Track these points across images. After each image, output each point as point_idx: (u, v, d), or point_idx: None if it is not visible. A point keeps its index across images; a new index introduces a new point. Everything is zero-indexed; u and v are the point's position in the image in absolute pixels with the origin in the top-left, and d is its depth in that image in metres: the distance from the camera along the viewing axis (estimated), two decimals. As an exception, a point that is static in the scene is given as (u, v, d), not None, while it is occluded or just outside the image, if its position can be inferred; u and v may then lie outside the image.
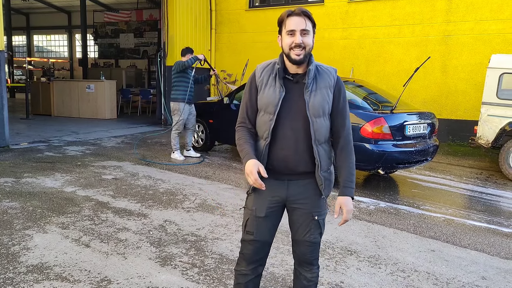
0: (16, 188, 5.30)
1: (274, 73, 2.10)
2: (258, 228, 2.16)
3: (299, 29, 2.00)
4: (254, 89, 2.15)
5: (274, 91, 2.07)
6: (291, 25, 2.02)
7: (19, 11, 24.29)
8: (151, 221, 4.32)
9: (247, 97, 2.17)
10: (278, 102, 2.04)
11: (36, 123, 11.43)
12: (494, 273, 3.46)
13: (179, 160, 7.24)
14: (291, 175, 2.12)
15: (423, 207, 5.17)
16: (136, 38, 19.29)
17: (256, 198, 2.16)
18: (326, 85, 2.09)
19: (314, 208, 2.15)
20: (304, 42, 2.00)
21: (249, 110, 2.17)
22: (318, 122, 2.06)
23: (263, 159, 2.08)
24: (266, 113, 2.09)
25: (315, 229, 2.16)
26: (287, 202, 2.17)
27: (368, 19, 10.72)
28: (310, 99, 2.05)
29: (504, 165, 6.76)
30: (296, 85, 2.09)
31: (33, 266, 3.25)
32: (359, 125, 5.49)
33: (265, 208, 2.14)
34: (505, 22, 9.22)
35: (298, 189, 2.14)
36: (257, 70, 2.16)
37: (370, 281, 3.21)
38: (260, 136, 2.14)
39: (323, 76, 2.10)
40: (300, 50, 2.00)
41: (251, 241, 2.18)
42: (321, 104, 2.06)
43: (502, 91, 6.90)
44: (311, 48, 2.05)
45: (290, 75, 2.09)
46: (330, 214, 4.74)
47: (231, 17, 12.63)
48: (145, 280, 3.11)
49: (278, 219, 2.22)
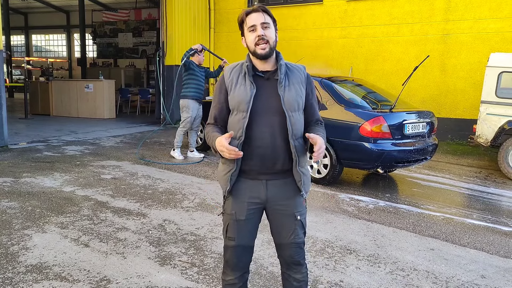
0: (15, 188, 5.29)
1: (243, 72, 2.10)
2: (239, 233, 2.13)
3: (259, 22, 2.03)
4: (224, 91, 2.13)
5: (245, 89, 2.06)
6: (251, 21, 2.05)
7: (18, 11, 24.27)
8: (150, 220, 4.32)
9: (217, 99, 2.16)
10: (250, 99, 2.03)
11: (35, 123, 11.42)
12: (493, 271, 3.46)
13: (178, 159, 7.23)
14: (268, 174, 2.09)
15: (422, 206, 5.18)
16: (135, 38, 19.28)
17: (234, 201, 2.13)
18: (298, 81, 2.12)
19: (295, 208, 2.13)
20: (266, 35, 2.02)
21: (218, 112, 2.15)
22: (294, 117, 2.06)
23: (238, 159, 2.04)
24: (238, 111, 2.06)
25: (299, 229, 2.14)
26: (268, 204, 2.13)
27: (367, 18, 10.72)
28: (285, 94, 2.05)
29: (503, 163, 6.77)
30: (267, 81, 2.09)
31: (32, 266, 3.25)
32: (358, 124, 5.49)
33: (245, 211, 2.11)
34: (504, 20, 9.22)
35: (278, 189, 2.11)
36: (226, 71, 2.16)
37: (370, 280, 3.21)
38: (233, 136, 2.08)
39: (294, 73, 2.13)
40: (264, 44, 2.02)
41: (233, 247, 2.14)
42: (295, 99, 2.07)
43: (501, 89, 6.90)
44: (275, 41, 2.07)
45: (261, 72, 2.10)
46: (331, 213, 4.74)
47: (230, 16, 12.62)
48: (145, 279, 3.10)
49: (258, 222, 2.18)
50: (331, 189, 5.75)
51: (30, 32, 25.97)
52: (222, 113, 2.15)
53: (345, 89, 6.31)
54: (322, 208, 4.94)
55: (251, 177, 2.10)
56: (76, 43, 23.77)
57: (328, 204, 5.08)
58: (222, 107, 2.15)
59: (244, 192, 2.11)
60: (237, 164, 2.06)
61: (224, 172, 2.12)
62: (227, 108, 2.13)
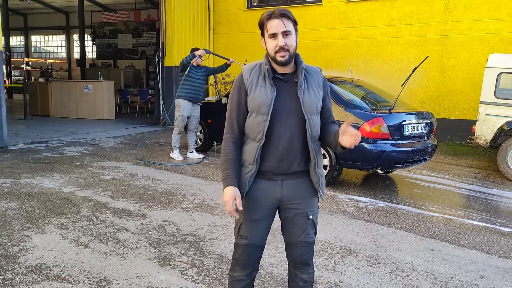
0: (15, 189, 5.29)
1: (262, 73, 2.10)
2: (252, 232, 2.14)
3: (281, 31, 2.02)
4: (243, 91, 2.12)
5: (266, 91, 2.06)
6: (272, 28, 2.03)
7: (17, 12, 24.27)
8: (150, 221, 4.32)
9: (236, 99, 2.13)
10: (271, 102, 2.04)
11: (34, 124, 11.41)
12: (492, 272, 3.47)
13: (177, 160, 7.24)
14: (284, 175, 2.11)
15: (421, 207, 5.18)
16: (134, 39, 19.30)
17: (249, 201, 2.14)
18: (316, 84, 2.14)
19: (309, 207, 2.15)
20: (287, 44, 2.02)
21: (238, 114, 2.13)
22: (314, 120, 2.08)
23: (256, 161, 2.07)
24: (259, 114, 2.06)
25: (311, 228, 2.16)
26: (282, 203, 2.15)
27: (366, 19, 10.73)
28: (304, 97, 2.06)
29: (502, 164, 6.78)
30: (286, 84, 2.10)
31: (32, 267, 3.25)
32: (357, 124, 5.49)
33: (259, 211, 2.13)
34: (503, 21, 9.24)
35: (293, 189, 2.13)
36: (244, 71, 2.14)
37: (369, 281, 3.22)
38: (251, 137, 2.10)
39: (312, 75, 2.14)
40: (284, 52, 2.02)
41: (245, 245, 2.16)
42: (314, 102, 2.09)
43: (500, 90, 6.91)
44: (295, 48, 2.07)
45: (280, 75, 2.10)
46: (330, 214, 4.75)
47: (229, 17, 12.63)
48: (145, 280, 3.11)
49: (271, 222, 2.20)
50: (331, 190, 5.76)
51: (29, 33, 25.97)
52: (242, 115, 2.14)
53: (345, 90, 6.32)
54: (322, 208, 4.94)
55: (267, 177, 2.12)
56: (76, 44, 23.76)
57: (327, 205, 5.09)
58: (242, 108, 2.13)
59: (260, 193, 2.12)
60: (256, 166, 2.08)
61: (243, 173, 2.12)
62: (247, 109, 2.13)
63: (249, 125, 2.11)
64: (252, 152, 2.08)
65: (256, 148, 2.06)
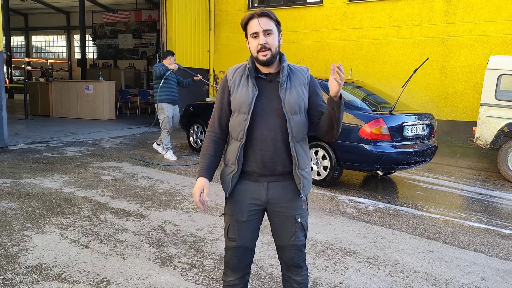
0: (15, 189, 5.29)
1: (245, 73, 2.11)
2: (240, 234, 2.14)
3: (262, 30, 2.02)
4: (226, 91, 2.15)
5: (247, 90, 2.07)
6: (253, 27, 2.04)
7: (18, 12, 24.28)
8: (150, 222, 4.32)
9: (219, 99, 2.18)
10: (252, 101, 2.04)
11: (34, 124, 11.41)
12: (492, 274, 3.47)
13: (171, 160, 7.31)
14: (269, 176, 2.10)
15: (422, 208, 5.18)
16: (135, 39, 19.31)
17: (235, 202, 2.15)
18: (301, 83, 2.11)
19: (296, 210, 2.13)
20: (268, 43, 2.02)
21: (221, 113, 2.17)
22: (295, 119, 2.06)
23: (238, 160, 2.07)
24: (240, 113, 2.07)
25: (300, 232, 2.14)
26: (269, 206, 2.14)
27: (367, 20, 10.74)
28: (286, 96, 2.05)
29: (503, 166, 6.78)
30: (269, 84, 2.10)
31: (32, 267, 3.25)
32: (357, 126, 5.50)
33: (245, 212, 2.13)
34: (504, 23, 9.25)
35: (279, 191, 2.11)
36: (229, 72, 2.17)
37: (369, 282, 3.22)
38: (234, 137, 2.11)
39: (297, 75, 2.12)
40: (266, 51, 2.02)
41: (234, 248, 2.16)
42: (296, 101, 2.06)
43: (500, 92, 6.92)
44: (277, 47, 2.07)
45: (263, 75, 2.10)
46: (330, 215, 4.75)
47: (230, 18, 12.64)
48: (145, 280, 3.11)
49: (258, 223, 2.20)
50: (331, 191, 5.76)
51: (30, 33, 25.99)
52: (224, 113, 2.17)
53: (345, 91, 6.31)
54: (322, 210, 4.94)
55: (252, 179, 2.12)
56: (76, 44, 23.78)
57: (327, 206, 5.09)
58: (224, 107, 2.16)
59: (245, 194, 2.12)
60: (238, 165, 2.08)
61: (226, 174, 2.14)
62: (229, 109, 2.15)
63: (232, 125, 2.13)
64: (234, 151, 2.09)
65: (238, 148, 2.07)
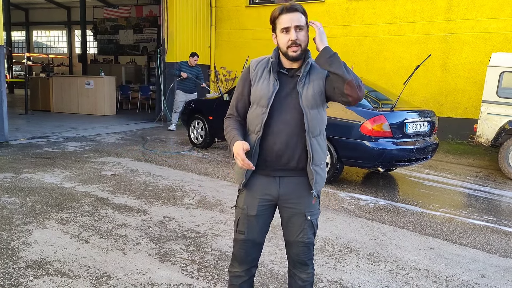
0: (16, 184, 5.29)
1: (268, 67, 2.10)
2: (249, 227, 2.14)
3: (293, 25, 2.00)
4: (247, 83, 2.14)
5: (268, 84, 2.06)
6: (284, 22, 2.01)
7: (18, 6, 24.20)
8: (150, 217, 4.32)
9: (240, 90, 2.17)
10: (272, 95, 2.03)
11: (35, 119, 11.41)
12: (493, 271, 3.46)
13: (172, 128, 10.07)
14: (283, 170, 2.09)
15: (422, 205, 5.18)
16: (136, 34, 19.23)
17: (247, 196, 2.14)
18: (319, 76, 2.09)
19: (307, 208, 2.12)
20: (299, 39, 2.00)
21: (240, 104, 2.17)
22: (312, 114, 2.04)
23: (254, 153, 2.06)
24: (258, 106, 2.06)
25: (309, 229, 2.13)
26: (280, 201, 2.13)
27: (369, 17, 10.70)
28: (303, 91, 2.04)
29: (504, 163, 6.77)
30: (290, 79, 2.08)
31: (32, 262, 3.25)
32: (359, 122, 5.48)
33: (256, 207, 2.12)
34: (506, 20, 9.21)
35: (291, 188, 2.10)
36: (252, 64, 2.15)
37: (370, 279, 3.21)
38: (251, 130, 2.11)
39: (316, 69, 2.10)
40: (296, 47, 2.00)
41: (243, 241, 2.16)
42: (313, 95, 2.05)
43: (502, 89, 6.90)
44: (307, 43, 2.05)
45: (285, 70, 2.09)
46: (331, 212, 4.74)
47: (231, 13, 12.60)
48: (145, 276, 3.11)
49: (269, 218, 2.19)
50: (332, 188, 5.75)
51: (30, 28, 25.91)
52: (243, 104, 2.16)
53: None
54: (323, 206, 4.94)
55: (265, 173, 2.11)
56: (77, 39, 23.70)
57: (328, 203, 5.09)
58: (244, 99, 2.15)
59: (257, 188, 2.11)
60: (254, 158, 2.07)
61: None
62: (249, 101, 2.14)
63: (250, 117, 2.12)
64: (251, 144, 2.07)
65: (255, 140, 2.06)
